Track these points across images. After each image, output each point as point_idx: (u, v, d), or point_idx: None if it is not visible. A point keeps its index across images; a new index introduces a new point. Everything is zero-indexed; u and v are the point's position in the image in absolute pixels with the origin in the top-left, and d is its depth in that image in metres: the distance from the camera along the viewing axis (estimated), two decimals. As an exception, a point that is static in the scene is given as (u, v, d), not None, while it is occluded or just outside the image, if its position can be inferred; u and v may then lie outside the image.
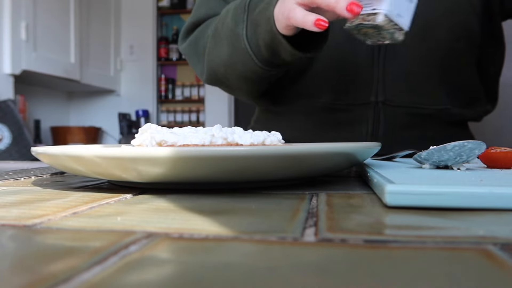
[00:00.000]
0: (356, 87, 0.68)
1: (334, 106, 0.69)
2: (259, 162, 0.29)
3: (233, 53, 0.62)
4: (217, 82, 0.71)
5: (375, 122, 0.69)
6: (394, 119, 0.68)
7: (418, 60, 0.67)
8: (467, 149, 0.36)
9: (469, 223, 0.21)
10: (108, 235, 0.19)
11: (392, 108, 0.68)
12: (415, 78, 0.68)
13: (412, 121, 0.69)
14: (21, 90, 2.36)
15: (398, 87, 0.68)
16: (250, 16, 0.58)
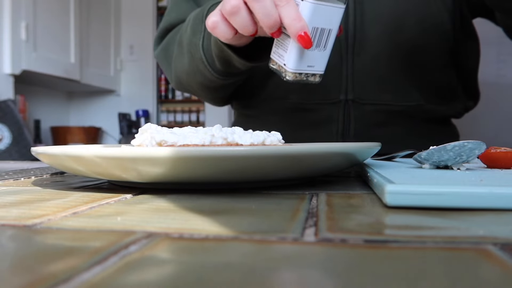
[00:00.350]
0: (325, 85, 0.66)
1: (303, 106, 0.69)
2: (259, 162, 0.29)
3: (192, 62, 0.61)
4: (183, 88, 0.71)
5: (345, 121, 0.68)
6: (364, 117, 0.67)
7: (387, 57, 0.66)
8: (467, 149, 0.36)
9: (469, 223, 0.21)
10: (108, 235, 0.19)
11: (362, 106, 0.67)
12: (384, 75, 0.67)
13: (384, 118, 0.68)
14: (21, 90, 2.36)
15: (368, 85, 0.67)
16: None
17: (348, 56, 0.66)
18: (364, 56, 0.66)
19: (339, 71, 0.66)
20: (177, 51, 0.66)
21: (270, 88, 0.70)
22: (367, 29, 0.65)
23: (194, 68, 0.61)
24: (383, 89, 0.67)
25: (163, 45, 0.71)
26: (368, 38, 0.65)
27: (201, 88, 0.66)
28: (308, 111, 0.69)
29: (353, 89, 0.66)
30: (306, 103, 0.68)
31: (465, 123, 0.83)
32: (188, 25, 0.61)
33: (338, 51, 0.66)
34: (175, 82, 0.71)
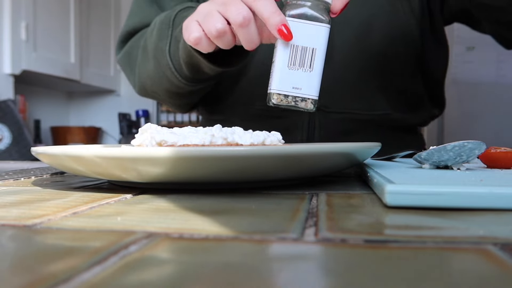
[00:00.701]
0: None
1: (269, 113, 0.67)
2: (259, 162, 0.29)
3: (158, 68, 0.60)
4: (147, 95, 0.70)
5: (310, 129, 0.67)
6: (330, 125, 0.67)
7: (354, 64, 0.65)
8: (467, 149, 0.36)
9: (469, 223, 0.21)
10: (108, 235, 0.19)
11: (327, 114, 0.66)
12: (351, 83, 0.66)
13: (350, 127, 0.67)
14: (21, 90, 2.36)
15: (333, 93, 0.66)
16: (174, 32, 0.56)
17: None
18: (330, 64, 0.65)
19: None
20: (141, 56, 0.64)
21: (236, 94, 0.69)
22: (334, 35, 0.64)
23: (160, 73, 0.60)
24: (349, 98, 0.66)
25: (126, 50, 0.69)
26: (335, 44, 0.64)
27: (167, 94, 0.65)
28: (274, 118, 0.68)
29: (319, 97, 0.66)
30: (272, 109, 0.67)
31: (465, 123, 0.82)
32: (154, 29, 0.60)
33: None
34: (139, 88, 0.69)
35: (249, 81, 0.67)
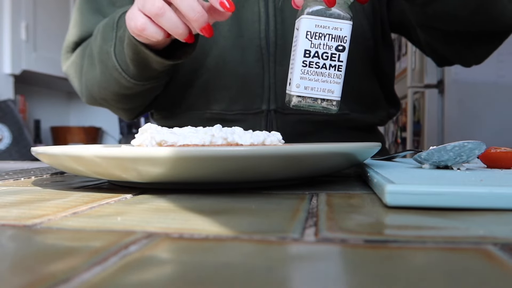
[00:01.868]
0: (247, 95, 0.65)
1: (225, 117, 0.67)
2: (259, 162, 0.29)
3: (106, 71, 0.59)
4: (95, 102, 0.69)
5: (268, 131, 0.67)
6: (287, 127, 0.66)
7: None
8: (467, 149, 0.36)
9: (469, 223, 0.21)
10: (108, 235, 0.19)
11: (284, 116, 0.65)
12: None
13: (309, 128, 0.67)
14: (21, 90, 2.36)
15: None
16: (118, 33, 0.56)
17: (270, 65, 0.64)
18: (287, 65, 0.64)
19: (261, 81, 0.65)
20: (87, 63, 0.63)
21: (191, 99, 0.68)
22: (288, 36, 0.63)
23: (107, 77, 0.59)
24: None
25: (72, 60, 0.68)
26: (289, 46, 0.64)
27: (116, 99, 0.64)
28: (230, 122, 0.67)
29: (276, 99, 0.65)
30: (228, 114, 0.66)
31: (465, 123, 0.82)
32: (98, 34, 0.60)
33: (260, 59, 0.64)
34: (86, 97, 0.68)
35: (203, 84, 0.66)
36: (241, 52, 0.64)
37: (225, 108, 0.66)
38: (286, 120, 0.66)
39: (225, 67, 0.65)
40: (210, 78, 0.66)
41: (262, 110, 0.65)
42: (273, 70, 0.64)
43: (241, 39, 0.64)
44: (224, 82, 0.66)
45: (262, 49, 0.64)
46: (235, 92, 0.65)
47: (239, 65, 0.65)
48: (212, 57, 0.65)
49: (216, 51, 0.64)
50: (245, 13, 0.64)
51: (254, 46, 0.64)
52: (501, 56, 1.79)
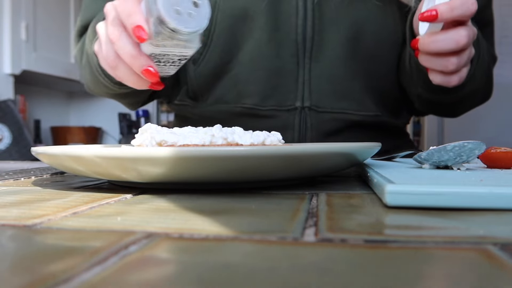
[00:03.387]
0: (281, 91, 0.64)
1: (256, 112, 0.65)
2: (259, 162, 0.29)
3: (92, 73, 0.58)
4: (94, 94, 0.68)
5: (301, 129, 0.65)
6: (322, 125, 0.65)
7: (343, 65, 0.64)
8: (467, 149, 0.36)
9: (469, 223, 0.21)
10: (108, 235, 0.19)
11: (319, 114, 0.64)
12: (342, 83, 0.64)
13: (341, 128, 0.66)
14: (21, 90, 2.36)
15: (325, 92, 0.64)
16: None
17: (305, 60, 0.63)
18: (322, 62, 0.64)
19: (295, 76, 0.63)
20: (84, 59, 0.62)
21: (219, 91, 0.66)
22: (326, 32, 0.63)
23: (95, 79, 0.58)
24: (340, 97, 0.65)
25: (79, 46, 0.67)
26: (326, 42, 0.63)
27: (108, 96, 0.64)
28: (261, 118, 0.65)
29: (310, 96, 0.64)
30: (261, 109, 0.65)
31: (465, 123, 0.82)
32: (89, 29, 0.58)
33: (295, 54, 0.63)
34: (86, 87, 0.68)
35: (235, 77, 0.65)
36: (276, 46, 0.63)
37: (258, 103, 0.65)
38: (320, 118, 0.65)
39: (259, 61, 0.64)
40: (242, 71, 0.64)
41: (296, 107, 0.64)
42: (308, 66, 0.63)
43: (277, 33, 0.62)
44: (257, 76, 0.64)
45: (298, 44, 0.62)
46: (268, 87, 0.64)
47: (273, 60, 0.63)
48: (246, 50, 0.63)
49: (251, 44, 0.63)
50: (283, 6, 0.62)
51: (290, 40, 0.62)
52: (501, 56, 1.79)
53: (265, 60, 0.63)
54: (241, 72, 0.65)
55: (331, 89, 0.64)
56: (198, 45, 0.40)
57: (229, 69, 0.65)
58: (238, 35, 0.62)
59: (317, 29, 0.62)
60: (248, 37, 0.63)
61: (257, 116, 0.66)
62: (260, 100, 0.65)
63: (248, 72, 0.64)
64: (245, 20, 0.62)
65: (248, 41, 0.63)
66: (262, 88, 0.64)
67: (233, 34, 0.63)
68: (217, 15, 0.62)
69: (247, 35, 0.63)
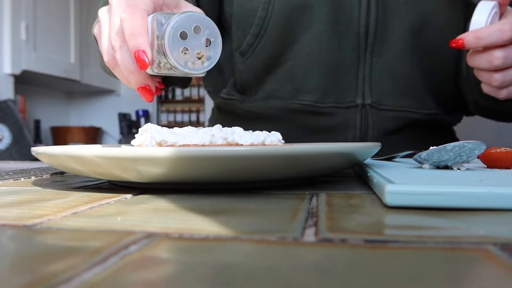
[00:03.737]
0: (340, 87, 0.61)
1: (315, 109, 0.62)
2: (259, 162, 0.29)
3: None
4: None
5: (363, 127, 0.62)
6: (383, 124, 0.63)
7: (405, 60, 0.61)
8: (467, 149, 0.36)
9: (469, 223, 0.21)
10: (108, 235, 0.19)
11: (380, 112, 0.62)
12: (401, 79, 0.62)
13: (402, 126, 0.64)
14: (21, 90, 2.36)
15: (386, 88, 0.62)
16: None
17: (367, 55, 0.60)
18: (383, 57, 0.61)
19: (355, 72, 0.60)
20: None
21: (270, 86, 0.63)
22: (389, 25, 0.60)
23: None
24: (402, 94, 0.62)
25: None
26: (389, 36, 0.60)
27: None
28: (320, 115, 0.62)
29: (371, 93, 0.61)
30: (320, 106, 0.62)
31: (465, 123, 0.82)
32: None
33: (356, 48, 0.60)
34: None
35: (289, 71, 0.62)
36: (336, 39, 0.59)
37: (317, 100, 0.62)
38: (381, 116, 0.62)
39: (318, 55, 0.60)
40: (299, 64, 0.61)
41: (356, 104, 0.61)
42: (369, 61, 0.60)
43: (338, 25, 0.59)
44: (315, 71, 0.61)
45: (359, 38, 0.59)
46: (328, 83, 0.61)
47: (333, 54, 0.60)
48: (304, 42, 0.60)
49: (310, 36, 0.60)
50: None
51: (351, 33, 0.59)
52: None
53: (324, 54, 0.60)
54: (297, 66, 0.61)
55: (393, 85, 0.62)
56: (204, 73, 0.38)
57: (282, 61, 0.62)
58: (295, 25, 0.59)
59: (381, 21, 0.59)
60: (307, 29, 0.59)
61: (315, 113, 0.62)
62: (319, 96, 0.62)
63: (305, 66, 0.61)
64: (304, 10, 0.59)
65: (306, 33, 0.60)
66: (321, 83, 0.61)
67: (290, 25, 0.59)
68: (273, 3, 0.59)
69: (305, 26, 0.59)
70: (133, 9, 0.38)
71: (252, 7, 0.60)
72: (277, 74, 0.62)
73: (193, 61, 0.37)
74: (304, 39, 0.60)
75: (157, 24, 0.37)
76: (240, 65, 0.63)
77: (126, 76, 0.40)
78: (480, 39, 0.47)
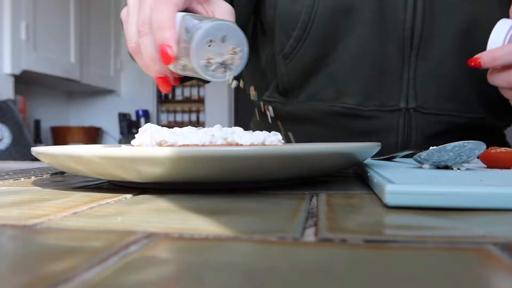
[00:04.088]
0: (384, 90, 0.60)
1: (357, 112, 0.61)
2: (259, 162, 0.29)
3: None
4: None
5: (406, 132, 0.61)
6: (427, 128, 0.61)
7: (452, 62, 0.59)
8: (467, 149, 0.36)
9: (469, 223, 0.21)
10: (108, 235, 0.19)
11: (424, 116, 0.60)
12: (447, 82, 0.60)
13: (446, 131, 0.62)
14: (21, 90, 2.36)
15: (431, 92, 0.60)
16: None
17: (412, 58, 0.59)
18: (430, 59, 0.59)
19: (399, 75, 0.59)
20: None
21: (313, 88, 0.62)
22: (436, 26, 0.58)
23: None
24: (447, 98, 0.61)
25: None
26: (435, 38, 0.59)
27: None
28: (362, 118, 0.61)
29: (415, 96, 0.60)
30: (363, 109, 0.61)
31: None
32: None
33: (401, 51, 0.59)
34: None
35: (332, 74, 0.61)
36: (380, 42, 0.59)
37: (359, 103, 0.61)
38: (425, 120, 0.61)
39: (362, 58, 0.60)
40: (341, 67, 0.60)
41: (400, 108, 0.60)
42: (414, 64, 0.59)
43: (382, 28, 0.58)
44: (358, 74, 0.60)
45: (404, 40, 0.58)
46: (371, 86, 0.60)
47: (377, 56, 0.59)
48: (347, 45, 0.59)
49: (353, 39, 0.59)
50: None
51: (395, 36, 0.58)
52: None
53: (367, 57, 0.59)
54: (340, 69, 0.61)
55: (438, 89, 0.60)
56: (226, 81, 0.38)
57: (325, 64, 0.61)
58: (338, 29, 0.58)
59: (427, 23, 0.58)
60: (350, 32, 0.59)
61: (357, 116, 0.62)
62: (362, 99, 0.61)
63: (348, 69, 0.60)
64: (348, 13, 0.58)
65: (349, 36, 0.59)
66: (364, 86, 0.60)
67: (333, 28, 0.59)
68: (317, 7, 0.58)
69: (348, 29, 0.59)
70: (164, 2, 0.37)
71: (296, 10, 0.60)
72: (319, 77, 0.62)
73: (216, 68, 0.37)
74: (347, 42, 0.59)
75: (185, 25, 0.37)
76: (283, 68, 0.63)
77: (147, 63, 0.40)
78: (496, 59, 0.46)
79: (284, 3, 0.61)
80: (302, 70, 0.62)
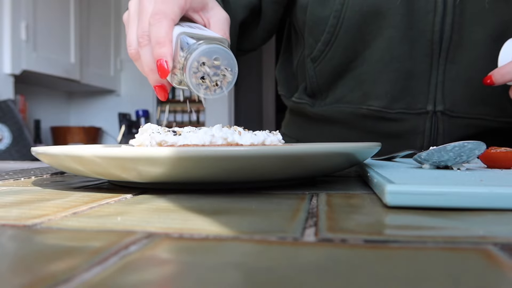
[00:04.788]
0: (411, 93, 0.60)
1: (383, 115, 0.61)
2: (259, 162, 0.29)
3: None
4: None
5: (432, 135, 0.61)
6: (454, 131, 0.60)
7: (482, 66, 0.58)
8: (467, 150, 0.36)
9: (469, 223, 0.21)
10: (108, 235, 0.19)
11: (451, 119, 0.60)
12: (477, 86, 0.58)
13: (476, 134, 0.61)
14: (21, 90, 2.35)
15: (460, 95, 0.59)
16: None
17: (440, 61, 0.58)
18: (459, 63, 0.59)
19: (427, 78, 0.59)
20: None
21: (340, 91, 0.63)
22: (466, 31, 0.57)
23: None
24: (477, 102, 0.60)
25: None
26: (466, 42, 0.58)
27: None
28: (388, 121, 0.61)
29: (443, 100, 0.59)
30: (389, 112, 0.61)
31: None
32: None
33: (429, 54, 0.58)
34: None
35: (359, 77, 0.61)
36: (409, 45, 0.58)
37: (386, 105, 0.61)
38: (453, 123, 0.60)
39: (389, 61, 0.60)
40: (369, 71, 0.61)
41: (427, 111, 0.60)
42: (442, 68, 0.59)
43: (410, 31, 0.58)
44: (385, 77, 0.60)
45: (433, 44, 0.58)
46: (398, 89, 0.60)
47: (405, 60, 0.59)
48: (376, 49, 0.60)
49: (381, 42, 0.59)
50: (419, 2, 0.57)
51: (424, 39, 0.58)
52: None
53: (395, 61, 0.59)
54: (367, 72, 0.61)
55: (468, 92, 0.60)
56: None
57: (352, 67, 0.62)
58: (366, 33, 0.59)
59: (457, 27, 0.57)
60: (378, 35, 0.59)
61: (383, 119, 0.62)
62: (388, 102, 0.61)
63: (375, 72, 0.61)
64: (376, 17, 0.59)
65: (377, 40, 0.59)
66: (390, 89, 0.60)
67: (361, 32, 0.59)
68: (345, 11, 0.59)
69: (376, 33, 0.59)
70: (162, 17, 0.39)
71: (324, 15, 0.61)
72: (347, 80, 0.63)
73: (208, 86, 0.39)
74: (375, 46, 0.59)
75: (180, 44, 0.39)
76: (312, 71, 0.64)
77: (146, 72, 0.42)
78: (504, 75, 0.47)
79: (313, 7, 0.62)
80: (330, 73, 0.63)
